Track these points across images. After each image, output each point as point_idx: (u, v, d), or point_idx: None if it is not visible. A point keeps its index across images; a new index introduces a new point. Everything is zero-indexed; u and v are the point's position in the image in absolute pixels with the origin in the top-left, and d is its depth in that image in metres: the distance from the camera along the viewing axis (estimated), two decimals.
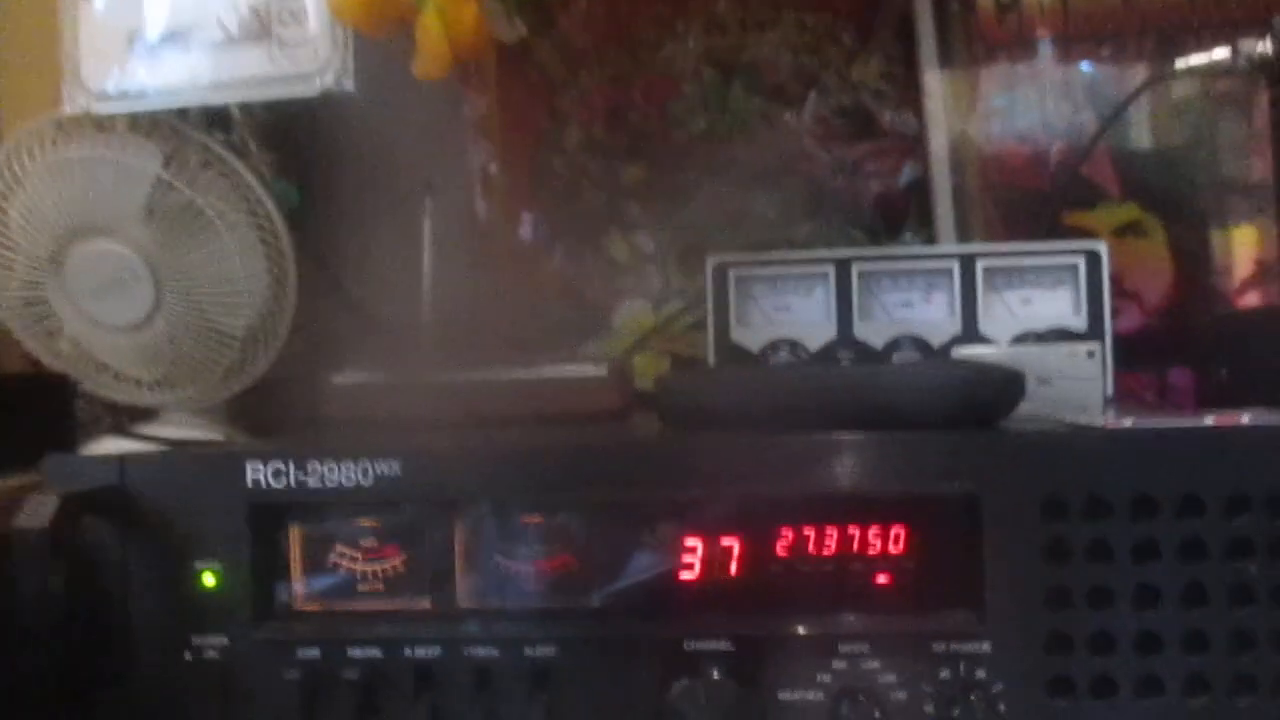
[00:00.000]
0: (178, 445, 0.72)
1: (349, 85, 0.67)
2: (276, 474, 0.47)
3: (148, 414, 0.86)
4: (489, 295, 1.05)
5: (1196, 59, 0.77)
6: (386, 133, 1.04)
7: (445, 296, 0.97)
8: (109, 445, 0.75)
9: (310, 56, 0.67)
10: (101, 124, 0.74)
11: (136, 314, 0.75)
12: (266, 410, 0.91)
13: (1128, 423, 0.46)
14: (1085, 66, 0.98)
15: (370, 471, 0.46)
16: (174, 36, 0.70)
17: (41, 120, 0.75)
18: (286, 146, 0.97)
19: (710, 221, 1.03)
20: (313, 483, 0.47)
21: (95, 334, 0.77)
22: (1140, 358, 0.92)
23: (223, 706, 0.46)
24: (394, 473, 0.46)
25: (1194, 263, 0.96)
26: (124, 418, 0.84)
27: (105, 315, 0.75)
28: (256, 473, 0.47)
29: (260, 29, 0.69)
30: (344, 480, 0.46)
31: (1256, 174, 0.96)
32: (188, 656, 0.47)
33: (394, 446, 0.47)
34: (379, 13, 0.63)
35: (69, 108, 0.72)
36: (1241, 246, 0.96)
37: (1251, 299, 0.95)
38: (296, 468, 0.47)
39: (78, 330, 0.78)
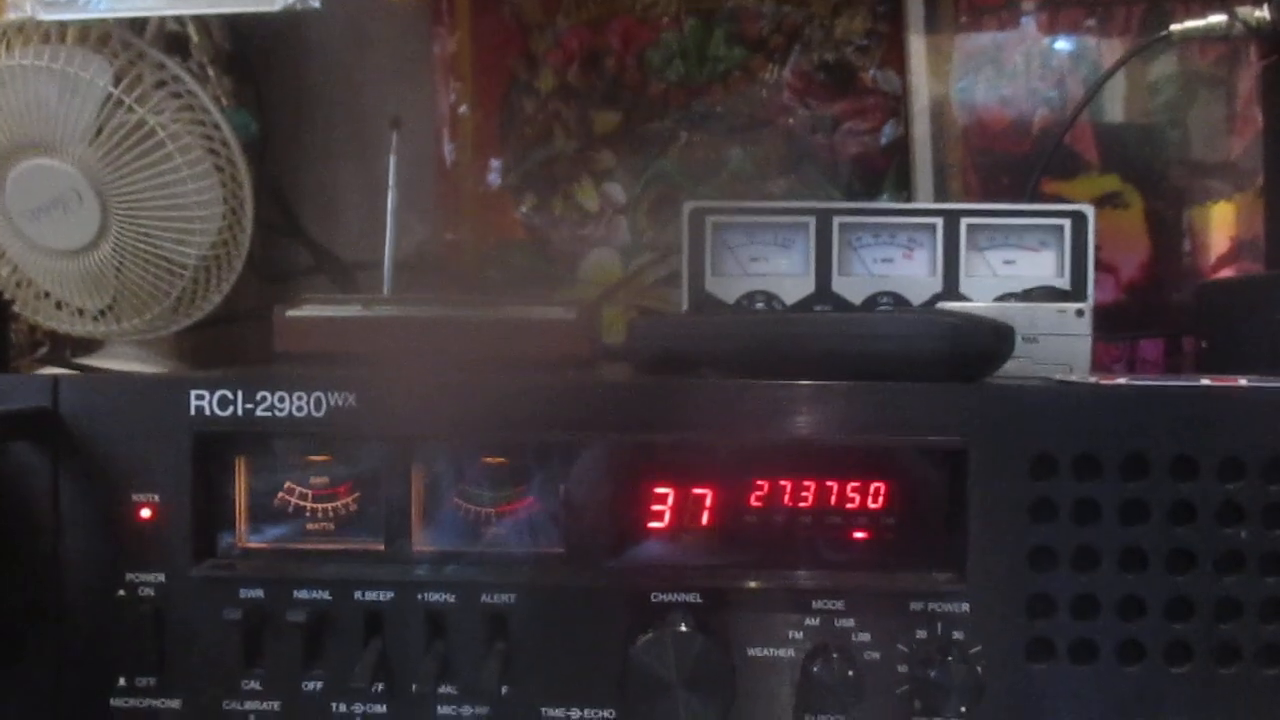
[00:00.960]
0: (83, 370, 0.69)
1: (315, 3, 0.63)
2: (223, 402, 0.44)
3: (90, 345, 0.82)
4: (453, 239, 1.02)
5: (1190, 23, 0.75)
6: (351, 66, 1.00)
7: (407, 236, 0.94)
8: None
9: None
10: (48, 34, 0.70)
11: (80, 238, 0.71)
12: (218, 346, 0.88)
13: (1121, 380, 0.44)
14: (1072, 34, 0.97)
15: (324, 403, 0.43)
16: None
17: None
18: (246, 75, 0.93)
19: (684, 173, 1.00)
20: (261, 413, 0.44)
21: (36, 258, 0.73)
22: (1112, 329, 0.91)
23: (158, 647, 0.43)
24: (349, 405, 0.44)
25: (1171, 237, 0.95)
26: (65, 347, 0.81)
27: (46, 238, 0.71)
28: (202, 400, 0.44)
29: None
30: (295, 411, 0.44)
31: (1235, 152, 0.95)
32: (121, 594, 0.44)
33: (350, 378, 0.44)
34: None
35: (13, 13, 0.67)
36: (1219, 223, 0.95)
37: (1226, 274, 0.94)
38: (245, 397, 0.44)
39: (16, 254, 0.74)
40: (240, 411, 0.44)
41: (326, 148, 1.01)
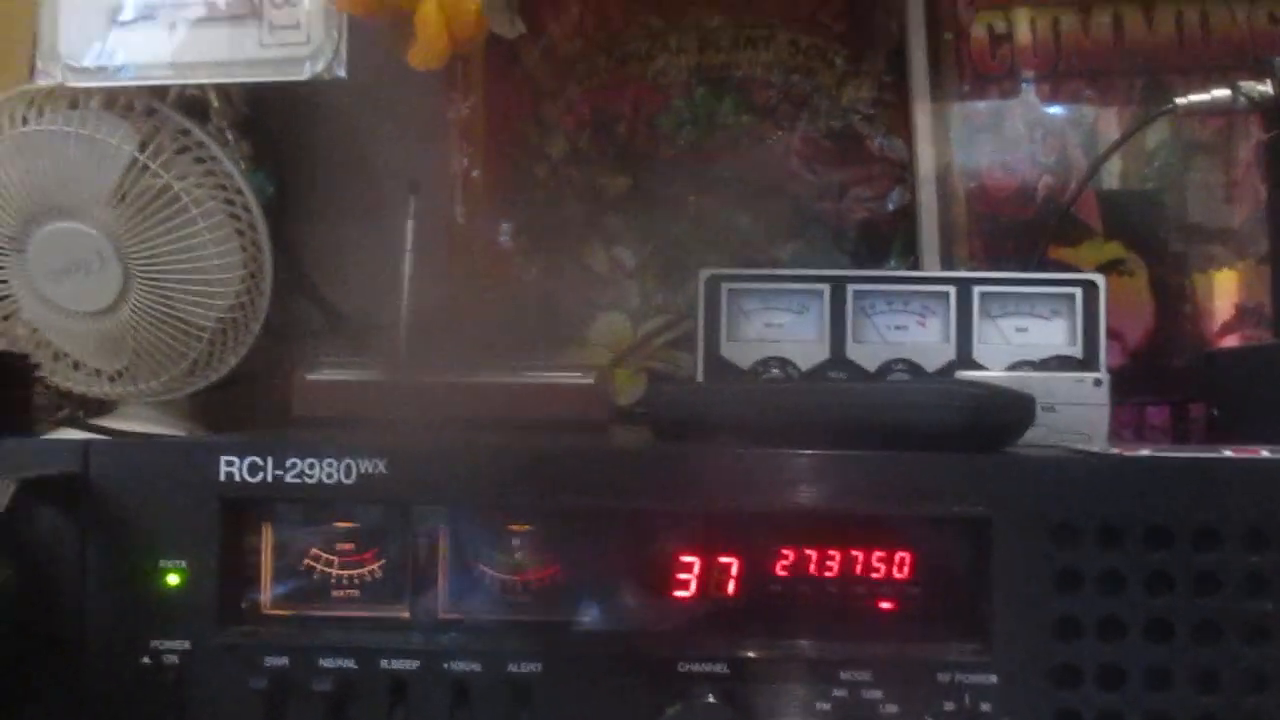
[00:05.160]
0: (112, 434, 0.69)
1: (341, 72, 0.65)
2: (253, 468, 0.44)
3: (104, 406, 0.82)
4: (464, 300, 1.03)
5: (1195, 96, 0.77)
6: (365, 128, 1.02)
7: (420, 299, 0.95)
8: (65, 436, 0.71)
9: (301, 41, 0.65)
10: (75, 100, 0.71)
11: (101, 300, 0.72)
12: (230, 406, 0.88)
13: (1144, 451, 0.44)
14: (1072, 103, 0.99)
15: (354, 469, 0.44)
16: (157, 11, 0.67)
17: (11, 93, 0.72)
18: (263, 138, 0.95)
19: (693, 237, 1.01)
20: (291, 479, 0.44)
21: (55, 319, 0.74)
22: (1119, 394, 0.92)
23: (181, 715, 0.43)
24: (379, 472, 0.44)
25: (1175, 303, 0.96)
26: (80, 409, 0.81)
27: (68, 300, 0.72)
28: (231, 466, 0.44)
29: (250, 9, 0.66)
30: (325, 478, 0.44)
31: (1236, 220, 0.96)
32: (146, 660, 0.44)
33: (379, 444, 0.44)
34: (379, 2, 0.61)
35: (42, 80, 0.69)
36: (1222, 290, 0.97)
37: (1231, 342, 0.95)
38: (275, 462, 0.44)
39: (36, 314, 0.75)
40: (270, 477, 0.44)
41: (339, 209, 1.02)
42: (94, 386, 0.78)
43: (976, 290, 0.70)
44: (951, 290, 0.70)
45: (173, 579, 0.44)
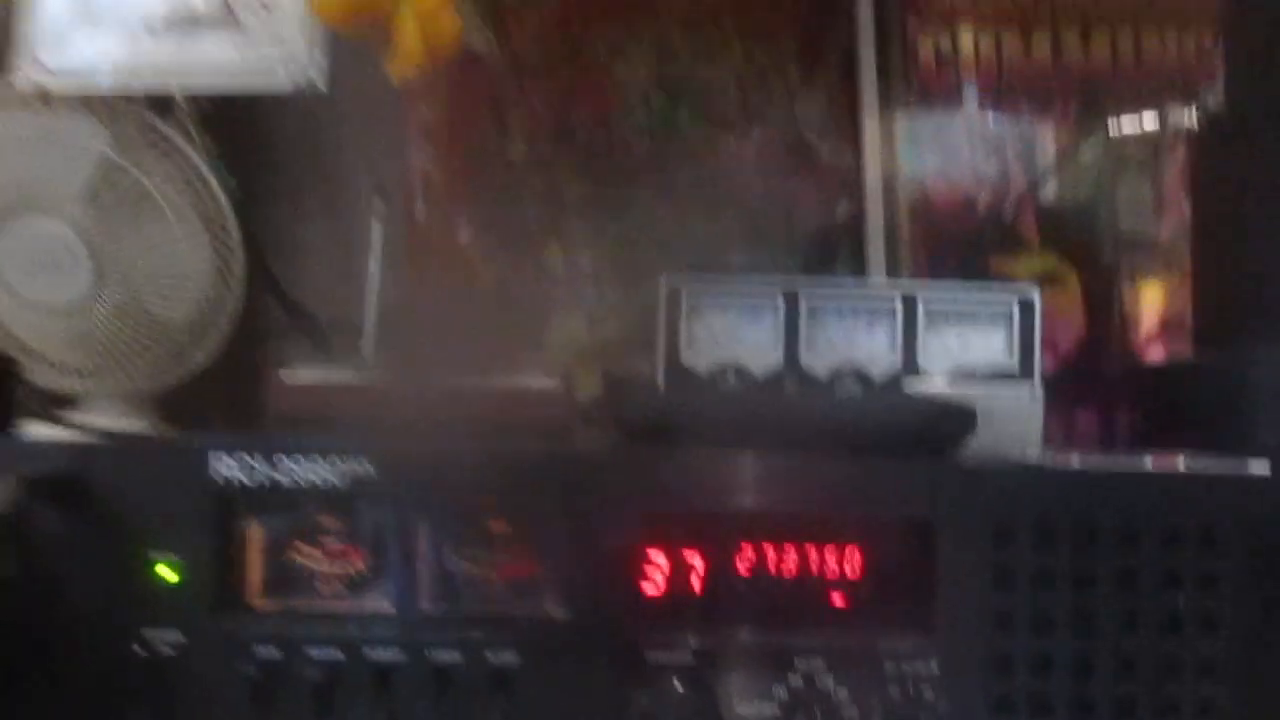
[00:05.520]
0: (104, 435, 0.70)
1: (320, 84, 0.67)
2: (245, 467, 0.46)
3: (70, 400, 0.83)
4: (424, 300, 1.04)
5: (1126, 121, 0.82)
6: (326, 125, 1.03)
7: (384, 298, 0.96)
8: (35, 430, 0.72)
9: (279, 50, 0.67)
10: (47, 99, 0.72)
11: (72, 297, 0.73)
12: (194, 403, 0.89)
13: (1074, 461, 0.48)
14: (1013, 116, 1.03)
15: (340, 468, 0.46)
16: (134, 17, 0.69)
17: None
18: (225, 134, 0.96)
19: (649, 242, 1.04)
20: (280, 478, 0.46)
21: (24, 315, 0.75)
22: (1050, 400, 0.97)
23: (173, 703, 0.45)
24: (365, 472, 0.46)
25: (1105, 313, 1.00)
26: (46, 403, 0.81)
27: (39, 295, 0.73)
28: (223, 465, 0.46)
29: (228, 16, 0.68)
30: (313, 477, 0.46)
31: (1163, 233, 1.01)
32: (139, 650, 0.46)
33: (366, 446, 0.47)
34: (357, 14, 0.63)
35: (18, 82, 0.69)
36: (1149, 301, 1.01)
37: (1156, 350, 1.00)
38: (265, 462, 0.46)
39: (5, 310, 0.76)
40: (261, 476, 0.46)
41: (299, 206, 1.03)
42: (61, 382, 0.78)
43: (921, 302, 0.74)
44: (898, 302, 0.74)
45: (165, 572, 0.46)
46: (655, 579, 0.48)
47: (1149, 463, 0.48)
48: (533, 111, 1.06)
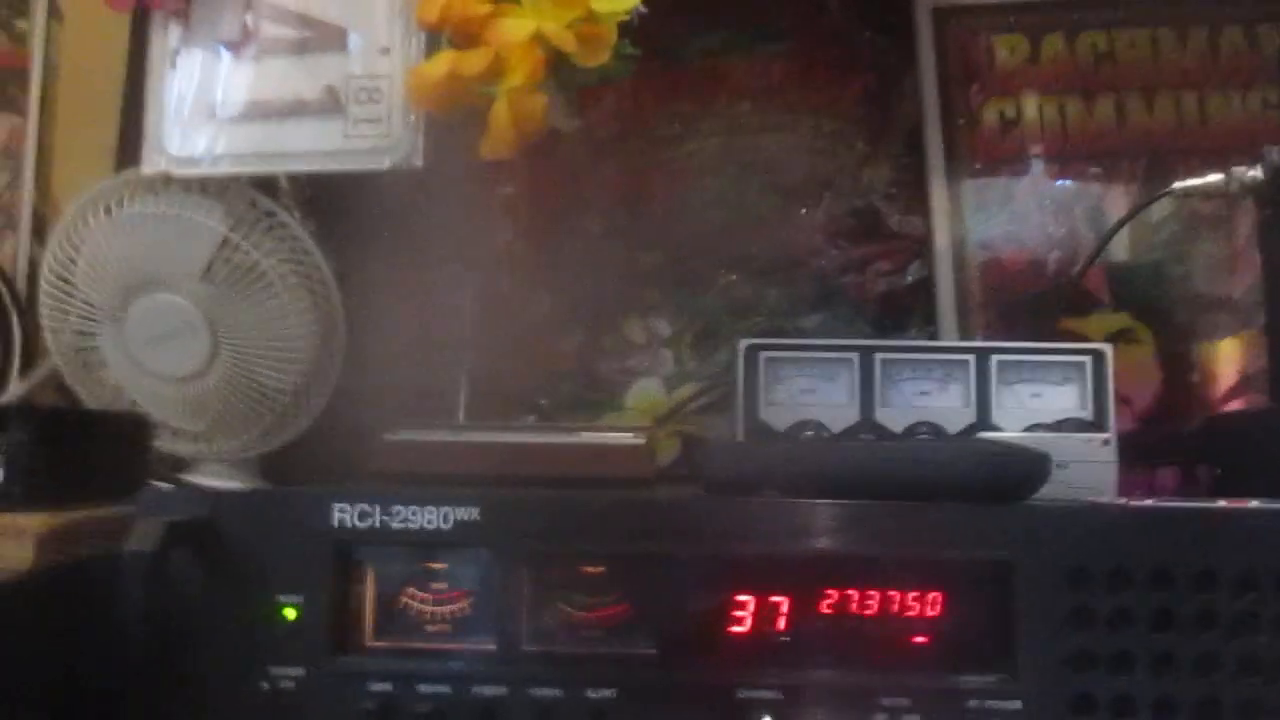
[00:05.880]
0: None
1: (418, 163, 0.72)
2: (362, 515, 0.50)
3: (179, 463, 0.88)
4: (506, 367, 1.09)
5: (1192, 181, 0.84)
6: (414, 204, 1.09)
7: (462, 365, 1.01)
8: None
9: (383, 134, 0.72)
10: (169, 181, 0.78)
11: (191, 367, 0.78)
12: (293, 464, 0.94)
13: (1149, 502, 0.50)
14: (1079, 181, 1.05)
15: (450, 517, 0.50)
16: (252, 108, 0.75)
17: (110, 180, 0.80)
18: (325, 215, 1.02)
19: (724, 308, 1.08)
20: (395, 525, 0.50)
21: (144, 383, 0.80)
22: (1129, 458, 0.97)
23: None
24: (472, 519, 0.50)
25: (1181, 371, 1.01)
26: (165, 465, 0.87)
27: (160, 365, 0.79)
28: (343, 513, 0.50)
29: (335, 105, 0.73)
30: (425, 524, 0.50)
31: (1238, 290, 1.02)
32: (264, 686, 0.49)
33: (474, 495, 0.50)
34: (453, 97, 0.68)
35: (147, 168, 0.76)
36: (1225, 358, 1.01)
37: (1234, 407, 1.00)
38: (381, 510, 0.50)
39: (126, 378, 0.81)
40: (377, 523, 0.50)
41: (389, 280, 1.09)
42: (174, 445, 0.84)
43: (994, 359, 0.76)
44: (971, 359, 0.76)
45: (290, 613, 0.50)
46: (743, 620, 0.50)
47: (1222, 505, 0.49)
48: (608, 184, 1.11)
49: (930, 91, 1.07)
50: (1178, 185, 0.84)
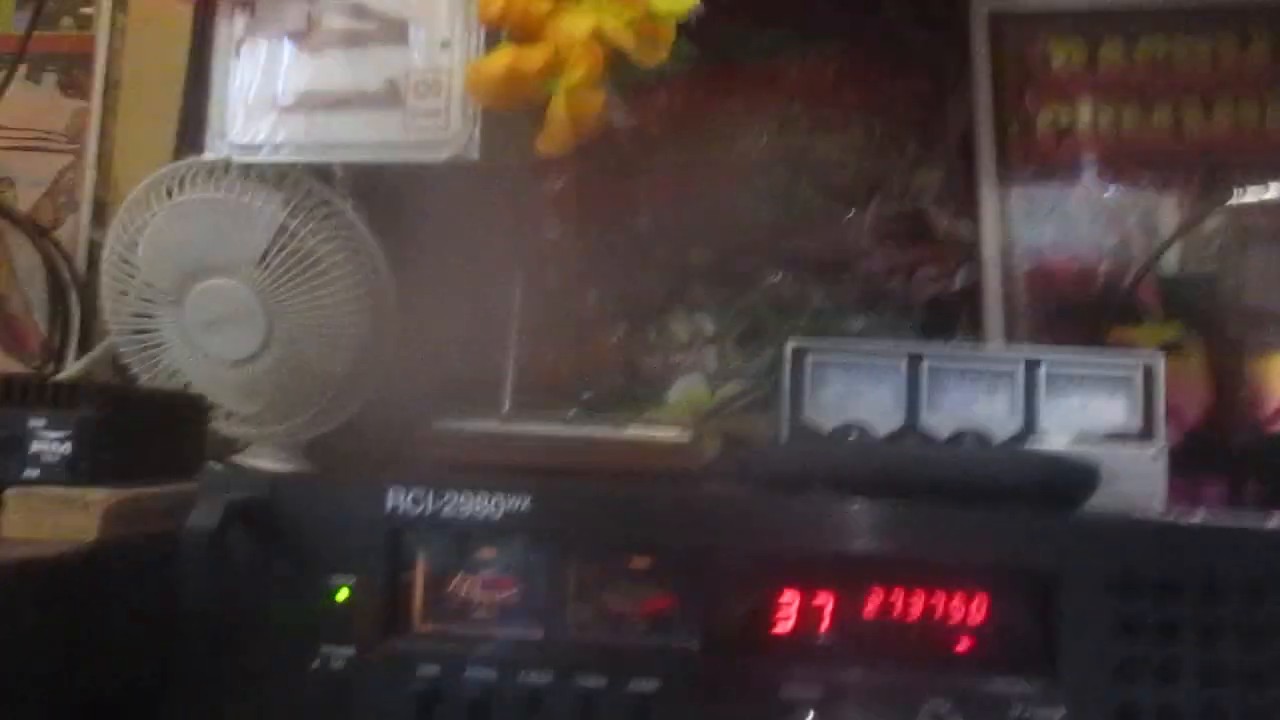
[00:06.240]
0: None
1: (474, 156, 0.73)
2: (415, 501, 0.51)
3: (229, 444, 0.90)
4: (550, 360, 1.10)
5: (1250, 191, 0.83)
6: (464, 196, 1.10)
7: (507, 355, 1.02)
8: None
9: (441, 126, 0.73)
10: (228, 169, 0.80)
11: (246, 350, 0.80)
12: (338, 448, 0.95)
13: (1197, 517, 0.50)
14: (1131, 187, 1.04)
15: (501, 505, 0.51)
16: (313, 98, 0.76)
17: (178, 164, 0.81)
18: (377, 203, 1.03)
19: (770, 308, 1.08)
20: (447, 511, 0.51)
21: (200, 365, 0.82)
22: (1176, 470, 0.96)
23: (347, 715, 0.50)
24: (523, 508, 0.51)
25: (1231, 384, 1.00)
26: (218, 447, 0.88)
27: (216, 349, 0.80)
28: (396, 498, 0.51)
29: (395, 98, 0.75)
30: (476, 511, 0.51)
31: None
32: (316, 665, 0.51)
33: (524, 484, 0.51)
34: (511, 92, 0.69)
35: (210, 154, 0.77)
36: (1277, 374, 1.00)
37: None
38: (434, 497, 0.51)
39: (181, 359, 0.83)
40: (428, 509, 0.51)
41: (438, 270, 1.10)
42: (226, 427, 0.85)
43: (1043, 368, 0.76)
44: (1019, 367, 0.76)
45: (342, 594, 0.51)
46: (787, 617, 0.51)
47: (1274, 518, 0.49)
48: (658, 181, 1.11)
49: (984, 95, 1.07)
50: (1234, 201, 0.83)
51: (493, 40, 0.73)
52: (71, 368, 0.93)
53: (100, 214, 1.05)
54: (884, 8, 1.11)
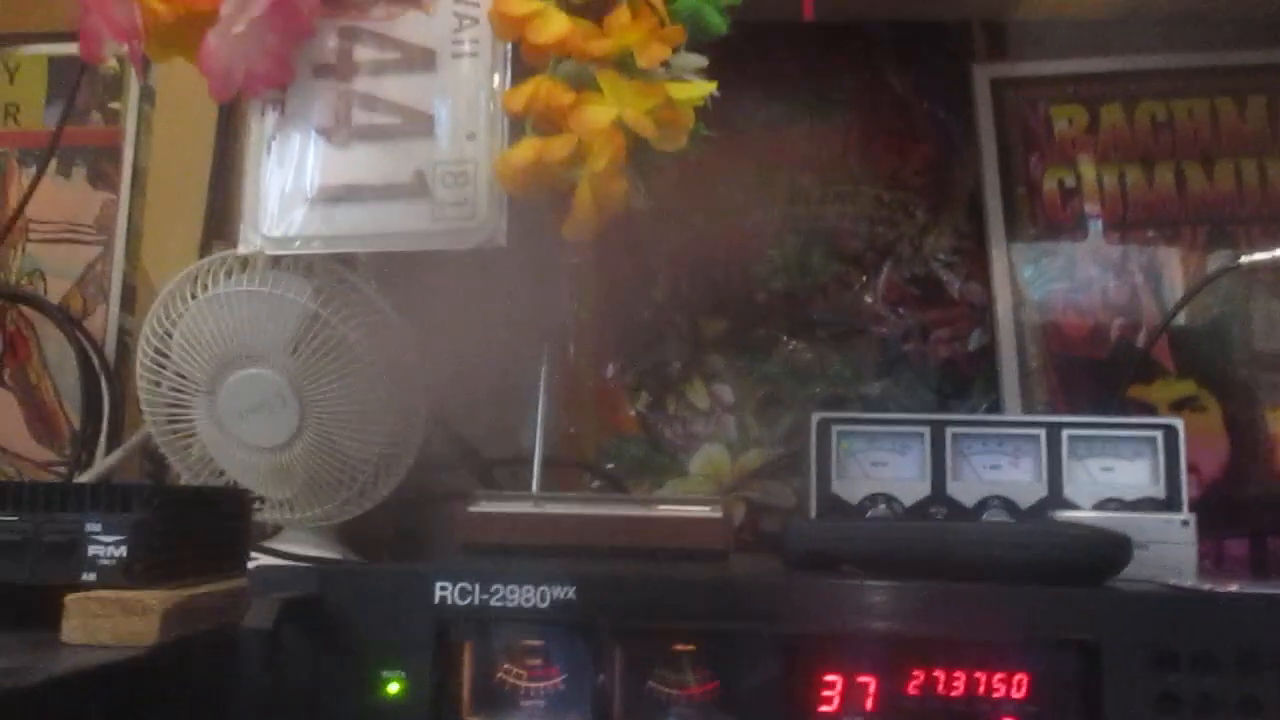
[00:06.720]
0: (303, 560, 0.77)
1: (502, 243, 0.74)
2: (463, 593, 0.52)
3: (263, 530, 0.91)
4: (573, 433, 1.11)
5: (1259, 255, 0.84)
6: (482, 270, 1.12)
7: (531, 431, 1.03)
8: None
9: (468, 215, 0.75)
10: (259, 262, 0.82)
11: (279, 437, 0.81)
12: (375, 531, 0.96)
13: (1233, 587, 0.51)
14: (1139, 246, 1.06)
15: (548, 595, 0.52)
16: (342, 190, 0.78)
17: (211, 257, 0.83)
18: (400, 287, 1.05)
19: (787, 375, 1.09)
20: (494, 602, 0.52)
21: (234, 453, 0.83)
22: (1198, 528, 0.97)
23: None
24: (569, 598, 0.52)
25: (1248, 438, 1.01)
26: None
27: (250, 436, 0.81)
28: (444, 590, 0.52)
29: (423, 188, 0.77)
30: (523, 601, 0.52)
31: None
32: None
33: (569, 574, 0.52)
34: (539, 181, 0.71)
35: (243, 247, 0.79)
36: None
37: None
38: (481, 588, 0.52)
39: (215, 448, 0.84)
40: (476, 600, 0.52)
41: (461, 347, 1.12)
42: (265, 514, 0.86)
43: (1065, 433, 0.77)
44: (1042, 433, 0.77)
45: (393, 687, 0.52)
46: (830, 699, 0.52)
47: None
48: (673, 253, 1.13)
49: (990, 161, 1.09)
50: (1245, 260, 0.85)
51: (516, 130, 0.75)
52: (108, 458, 0.94)
53: (129, 303, 1.07)
54: (889, 79, 1.14)
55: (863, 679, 0.52)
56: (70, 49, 1.04)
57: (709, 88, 0.72)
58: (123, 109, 1.10)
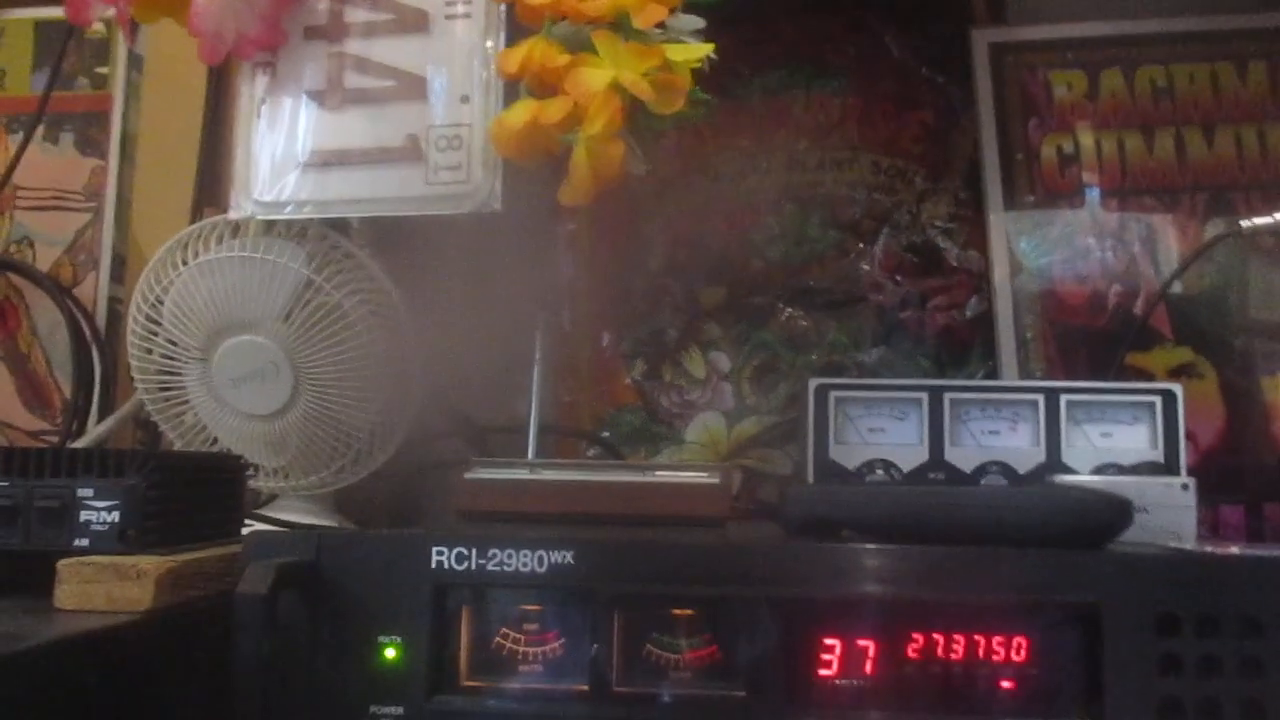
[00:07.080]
0: (298, 528, 0.77)
1: (496, 207, 0.74)
2: (459, 558, 0.52)
3: (255, 498, 0.91)
4: (569, 401, 1.11)
5: (1258, 219, 0.84)
6: (480, 240, 1.11)
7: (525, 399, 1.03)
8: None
9: (463, 179, 0.74)
10: (239, 228, 0.81)
11: (273, 405, 0.81)
12: (368, 500, 0.96)
13: (1235, 550, 0.50)
14: (1138, 214, 1.05)
15: (545, 560, 0.51)
16: (335, 155, 0.77)
17: (202, 222, 0.82)
18: (393, 252, 1.05)
19: (784, 343, 1.09)
20: (491, 567, 0.51)
21: (229, 422, 0.83)
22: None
23: None
24: (566, 562, 0.51)
25: (1245, 406, 1.01)
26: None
27: (244, 404, 0.81)
28: (441, 556, 0.52)
29: (416, 153, 0.76)
30: (520, 566, 0.51)
31: None
32: None
33: (567, 539, 0.52)
34: (534, 145, 0.70)
35: (234, 213, 0.78)
36: None
37: None
38: (479, 554, 0.51)
39: (209, 416, 0.84)
40: (474, 565, 0.52)
41: (456, 315, 1.11)
42: (259, 482, 0.86)
43: (1064, 399, 0.77)
44: (1040, 398, 0.77)
45: (390, 653, 0.51)
46: (830, 663, 0.51)
47: None
48: (669, 221, 1.13)
49: (988, 127, 1.08)
50: (1244, 224, 0.84)
51: (511, 94, 0.74)
52: (100, 426, 0.94)
53: (119, 271, 1.06)
54: (887, 44, 1.13)
55: (862, 643, 0.51)
56: (57, 12, 1.02)
57: (707, 49, 0.71)
58: (111, 74, 1.09)
